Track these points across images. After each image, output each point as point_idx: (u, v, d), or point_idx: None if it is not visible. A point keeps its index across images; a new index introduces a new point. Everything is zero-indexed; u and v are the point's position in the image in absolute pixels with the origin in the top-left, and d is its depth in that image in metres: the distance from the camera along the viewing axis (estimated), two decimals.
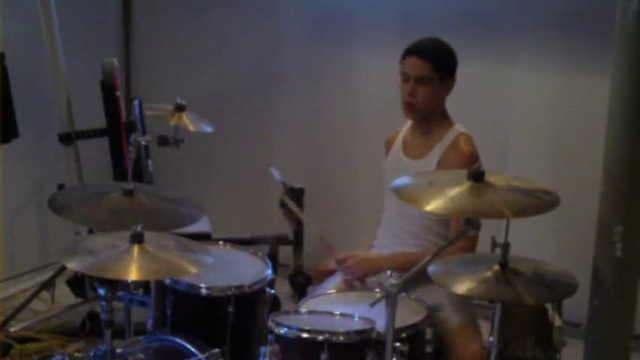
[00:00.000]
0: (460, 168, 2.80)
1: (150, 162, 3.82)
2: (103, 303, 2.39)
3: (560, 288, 2.30)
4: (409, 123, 3.12)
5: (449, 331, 2.79)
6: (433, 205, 2.20)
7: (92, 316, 3.83)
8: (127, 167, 3.70)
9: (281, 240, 3.82)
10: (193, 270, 2.32)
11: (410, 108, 2.99)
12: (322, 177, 4.49)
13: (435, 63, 2.95)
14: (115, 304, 2.41)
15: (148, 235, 2.30)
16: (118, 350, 2.45)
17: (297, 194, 3.47)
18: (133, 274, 2.21)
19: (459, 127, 3.03)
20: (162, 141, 3.27)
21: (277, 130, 4.82)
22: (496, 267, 2.27)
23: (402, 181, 2.45)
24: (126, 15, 5.10)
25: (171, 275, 2.63)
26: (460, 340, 2.78)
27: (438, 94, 2.98)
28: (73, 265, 2.29)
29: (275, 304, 3.20)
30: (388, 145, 3.19)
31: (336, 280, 3.05)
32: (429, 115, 3.00)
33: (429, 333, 2.68)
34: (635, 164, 2.37)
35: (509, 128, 4.18)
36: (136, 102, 3.83)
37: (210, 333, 2.74)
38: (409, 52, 2.98)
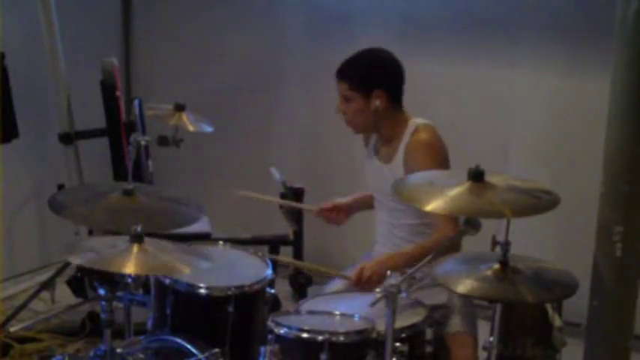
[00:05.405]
0: (423, 158, 2.84)
1: (150, 162, 3.82)
2: (103, 303, 2.39)
3: (560, 288, 2.30)
4: None
5: (446, 335, 2.81)
6: (433, 205, 2.21)
7: (92, 316, 3.83)
8: (127, 167, 3.70)
9: (281, 240, 3.83)
10: (189, 270, 2.33)
11: (346, 124, 3.03)
12: (322, 177, 4.49)
13: (351, 82, 2.96)
14: (115, 304, 2.41)
15: (147, 240, 2.30)
16: (118, 350, 2.46)
17: (297, 194, 3.48)
18: (131, 269, 2.22)
19: (414, 122, 2.97)
20: (162, 141, 3.27)
21: (277, 129, 4.82)
22: (496, 266, 2.27)
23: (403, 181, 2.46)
24: (126, 15, 5.10)
25: (169, 273, 2.63)
26: (454, 345, 2.80)
27: (365, 109, 2.96)
28: (74, 259, 2.29)
29: (275, 304, 3.20)
30: (366, 140, 3.18)
31: (337, 282, 3.05)
32: (371, 127, 3.01)
33: (429, 333, 2.68)
34: (635, 164, 2.36)
35: (509, 128, 4.18)
36: (136, 102, 3.83)
37: (210, 333, 2.73)
38: (336, 73, 3.01)
